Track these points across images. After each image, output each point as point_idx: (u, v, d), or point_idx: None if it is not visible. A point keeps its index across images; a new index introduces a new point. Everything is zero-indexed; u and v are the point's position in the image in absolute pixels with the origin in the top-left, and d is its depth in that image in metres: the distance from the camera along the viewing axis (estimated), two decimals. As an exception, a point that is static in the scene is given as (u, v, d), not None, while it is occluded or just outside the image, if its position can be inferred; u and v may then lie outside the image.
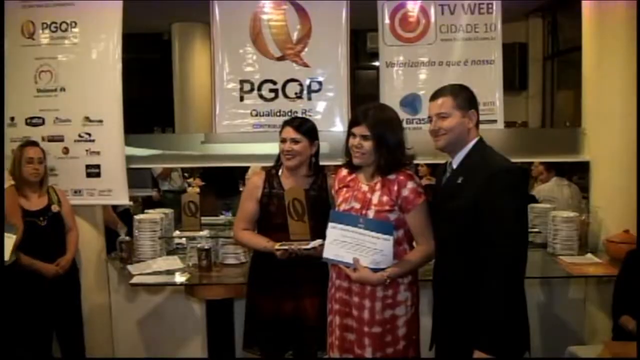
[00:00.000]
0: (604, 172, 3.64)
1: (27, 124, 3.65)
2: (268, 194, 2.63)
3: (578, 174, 5.11)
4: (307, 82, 3.74)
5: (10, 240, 2.97)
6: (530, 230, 3.69)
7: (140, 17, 5.61)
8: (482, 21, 3.73)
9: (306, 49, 3.73)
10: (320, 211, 2.49)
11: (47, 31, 3.62)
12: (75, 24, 3.61)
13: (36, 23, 3.62)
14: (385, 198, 2.27)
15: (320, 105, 3.75)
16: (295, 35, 3.72)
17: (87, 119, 3.62)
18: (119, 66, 3.60)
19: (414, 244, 2.37)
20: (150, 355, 3.71)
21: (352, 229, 2.23)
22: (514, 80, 7.03)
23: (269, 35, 3.72)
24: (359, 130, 2.29)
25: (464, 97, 2.14)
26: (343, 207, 2.35)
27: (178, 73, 7.57)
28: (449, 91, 2.17)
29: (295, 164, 2.60)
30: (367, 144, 2.28)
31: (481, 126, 3.63)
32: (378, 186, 2.30)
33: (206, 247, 3.26)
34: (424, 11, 3.75)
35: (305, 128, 2.63)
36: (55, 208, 3.13)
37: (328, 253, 2.26)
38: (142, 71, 9.08)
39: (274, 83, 3.74)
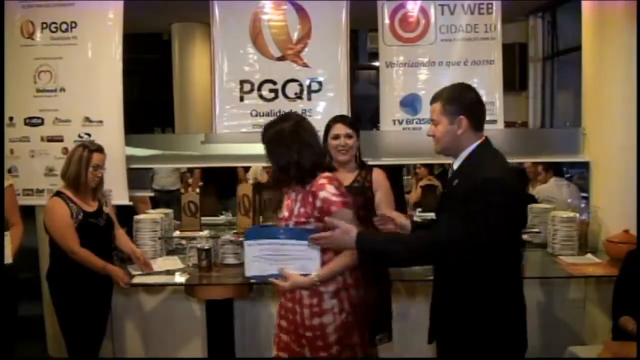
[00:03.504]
0: (604, 172, 3.64)
1: (26, 124, 3.65)
2: None
3: (577, 174, 5.13)
4: (307, 82, 3.74)
5: (6, 238, 2.94)
6: (529, 230, 3.70)
7: (140, 17, 5.62)
8: (482, 21, 3.73)
9: (306, 49, 3.73)
10: (362, 201, 2.70)
11: (46, 31, 3.63)
12: (75, 24, 3.62)
13: (36, 23, 3.63)
14: (302, 210, 2.28)
15: (320, 106, 3.75)
16: (295, 36, 3.73)
17: (87, 119, 3.62)
18: (119, 66, 3.61)
19: None
20: (150, 355, 3.71)
21: (274, 241, 2.24)
22: (514, 80, 7.02)
23: (269, 35, 3.72)
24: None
25: (454, 103, 2.08)
26: (280, 215, 2.41)
27: (178, 73, 7.57)
28: (441, 96, 2.13)
29: (349, 158, 2.80)
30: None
31: (481, 126, 3.72)
32: (299, 197, 2.31)
33: (206, 247, 3.25)
34: (423, 11, 3.75)
35: (354, 123, 2.82)
36: (106, 209, 3.13)
37: (251, 271, 2.29)
38: (142, 71, 9.11)
39: (274, 83, 3.74)
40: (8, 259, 2.93)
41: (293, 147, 2.28)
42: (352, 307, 2.32)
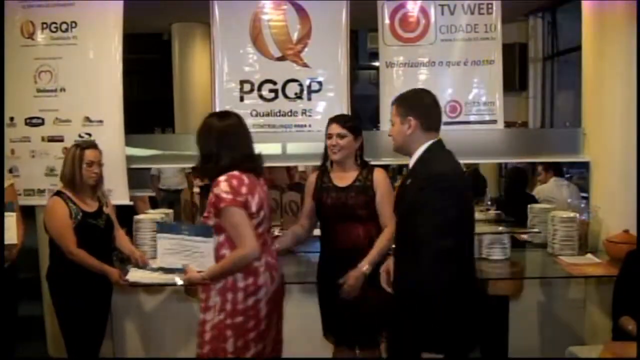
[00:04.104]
0: (604, 172, 3.64)
1: (26, 124, 3.65)
2: (320, 188, 2.87)
3: (577, 174, 5.13)
4: (307, 82, 3.74)
5: (11, 218, 2.98)
6: (529, 230, 3.71)
7: (140, 17, 5.61)
8: (482, 21, 3.73)
9: (306, 49, 3.73)
10: (363, 200, 2.75)
11: (47, 31, 3.63)
12: (75, 24, 3.62)
13: (36, 23, 3.63)
14: (208, 206, 2.38)
15: (320, 106, 3.76)
16: (295, 36, 3.73)
17: (87, 119, 3.62)
18: (119, 66, 3.61)
19: None
20: (150, 355, 3.71)
21: (178, 236, 2.39)
22: (514, 80, 7.01)
23: (269, 35, 3.72)
24: None
25: (405, 105, 2.25)
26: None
27: (178, 73, 7.56)
28: (397, 99, 2.31)
29: (341, 157, 2.81)
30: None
31: (481, 126, 3.73)
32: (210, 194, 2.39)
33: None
34: (424, 11, 3.75)
35: (350, 124, 2.82)
36: (106, 210, 3.12)
37: (163, 263, 2.44)
38: (142, 71, 9.10)
39: (274, 83, 3.74)
40: (12, 239, 2.95)
41: (215, 142, 2.39)
42: (235, 311, 2.33)
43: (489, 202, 4.87)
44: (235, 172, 2.35)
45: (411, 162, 2.28)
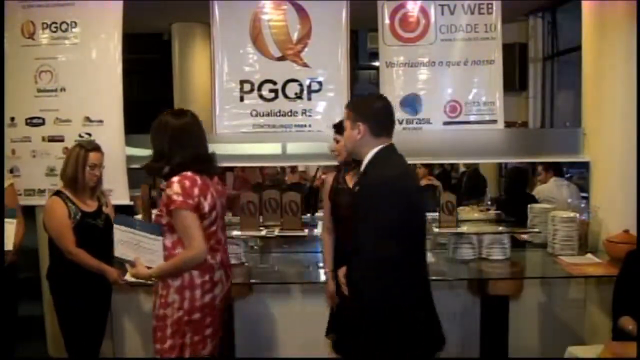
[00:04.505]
0: (604, 172, 3.64)
1: (27, 124, 3.65)
2: (335, 189, 2.95)
3: (577, 174, 5.12)
4: (307, 82, 3.74)
5: (11, 225, 2.97)
6: (529, 230, 3.71)
7: (140, 17, 5.62)
8: (482, 21, 3.73)
9: (306, 49, 3.73)
10: None
11: (47, 31, 3.63)
12: (76, 24, 3.62)
13: (36, 23, 3.63)
14: (160, 204, 2.43)
15: (320, 105, 3.76)
16: (295, 36, 3.73)
17: (87, 119, 3.62)
18: (119, 66, 3.61)
19: None
20: (150, 355, 3.70)
21: (131, 230, 2.45)
22: (514, 80, 7.01)
23: (269, 35, 3.72)
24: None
25: (355, 110, 2.27)
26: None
27: (178, 73, 7.56)
28: (348, 104, 2.37)
29: (341, 160, 2.91)
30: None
31: (481, 126, 3.73)
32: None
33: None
34: (424, 11, 3.75)
35: (339, 126, 2.79)
36: (105, 210, 3.12)
37: (117, 252, 2.52)
38: (142, 71, 9.09)
39: (274, 83, 3.74)
40: (8, 245, 2.94)
41: (169, 140, 2.38)
42: (193, 308, 2.38)
43: (489, 202, 4.87)
44: (188, 173, 2.35)
45: (362, 166, 2.27)
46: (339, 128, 2.81)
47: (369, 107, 2.27)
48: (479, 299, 3.49)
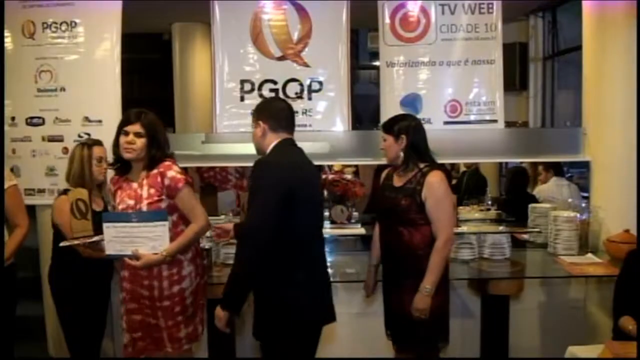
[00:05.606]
0: (604, 172, 3.64)
1: (27, 123, 3.65)
2: (382, 185, 2.91)
3: (577, 174, 5.12)
4: (308, 82, 3.75)
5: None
6: (530, 230, 3.71)
7: (140, 17, 5.60)
8: (482, 21, 3.73)
9: (306, 49, 3.73)
10: (408, 204, 2.69)
11: (47, 31, 3.63)
12: (76, 24, 3.62)
13: (36, 23, 3.63)
14: (152, 190, 2.58)
15: (321, 105, 3.76)
16: (295, 35, 3.73)
17: (86, 119, 3.62)
18: (118, 66, 3.61)
19: None
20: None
21: (127, 224, 2.52)
22: (514, 80, 7.01)
23: (269, 35, 3.72)
24: (133, 128, 2.61)
25: (256, 111, 2.53)
26: (121, 207, 2.65)
27: (178, 73, 7.55)
28: (255, 106, 2.59)
29: (389, 158, 2.85)
30: (140, 141, 2.60)
31: (481, 126, 3.73)
32: (145, 181, 2.61)
33: (206, 247, 3.25)
34: (424, 11, 3.75)
35: (388, 126, 2.83)
36: (111, 208, 3.12)
37: (110, 250, 2.56)
38: (142, 71, 9.09)
39: (275, 83, 3.75)
40: None
41: (164, 135, 2.71)
42: (203, 271, 2.80)
43: (490, 202, 4.87)
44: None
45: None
46: (385, 127, 2.82)
47: (267, 107, 2.55)
48: (480, 299, 3.49)
